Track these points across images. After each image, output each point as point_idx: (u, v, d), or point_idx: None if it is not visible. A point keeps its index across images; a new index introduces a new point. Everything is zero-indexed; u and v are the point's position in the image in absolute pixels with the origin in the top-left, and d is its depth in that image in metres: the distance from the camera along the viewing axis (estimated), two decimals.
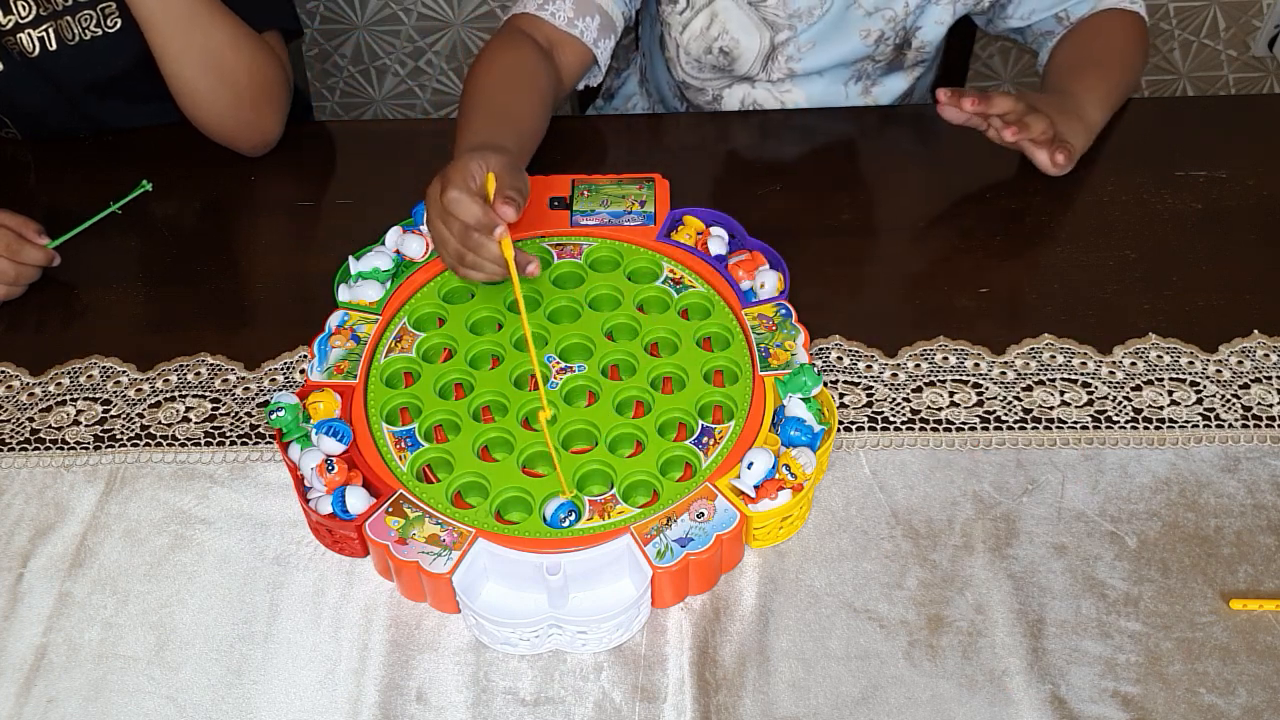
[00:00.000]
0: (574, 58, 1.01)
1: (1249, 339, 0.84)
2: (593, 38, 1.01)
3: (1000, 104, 0.89)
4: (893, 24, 1.06)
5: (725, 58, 1.09)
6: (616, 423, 0.74)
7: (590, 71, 1.04)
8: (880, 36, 1.07)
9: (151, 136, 1.07)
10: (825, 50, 1.08)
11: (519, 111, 0.93)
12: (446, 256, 0.81)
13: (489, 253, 0.76)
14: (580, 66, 1.02)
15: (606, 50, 1.03)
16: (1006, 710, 0.65)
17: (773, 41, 1.07)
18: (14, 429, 0.83)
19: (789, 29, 1.06)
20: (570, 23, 0.99)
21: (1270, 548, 0.72)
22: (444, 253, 0.81)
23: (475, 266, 0.78)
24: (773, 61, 1.09)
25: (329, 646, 0.69)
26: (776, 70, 1.09)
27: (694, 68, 1.12)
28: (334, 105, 1.77)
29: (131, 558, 0.74)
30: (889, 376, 0.82)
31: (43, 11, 0.99)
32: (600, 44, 1.01)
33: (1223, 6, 1.62)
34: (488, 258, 0.76)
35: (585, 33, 1.00)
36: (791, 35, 1.07)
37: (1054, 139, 0.92)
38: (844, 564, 0.72)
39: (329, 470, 0.70)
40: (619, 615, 0.66)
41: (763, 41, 1.07)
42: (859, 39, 1.07)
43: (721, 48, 1.08)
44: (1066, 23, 1.05)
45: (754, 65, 1.09)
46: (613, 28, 1.03)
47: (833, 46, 1.08)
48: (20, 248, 0.90)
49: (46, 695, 0.68)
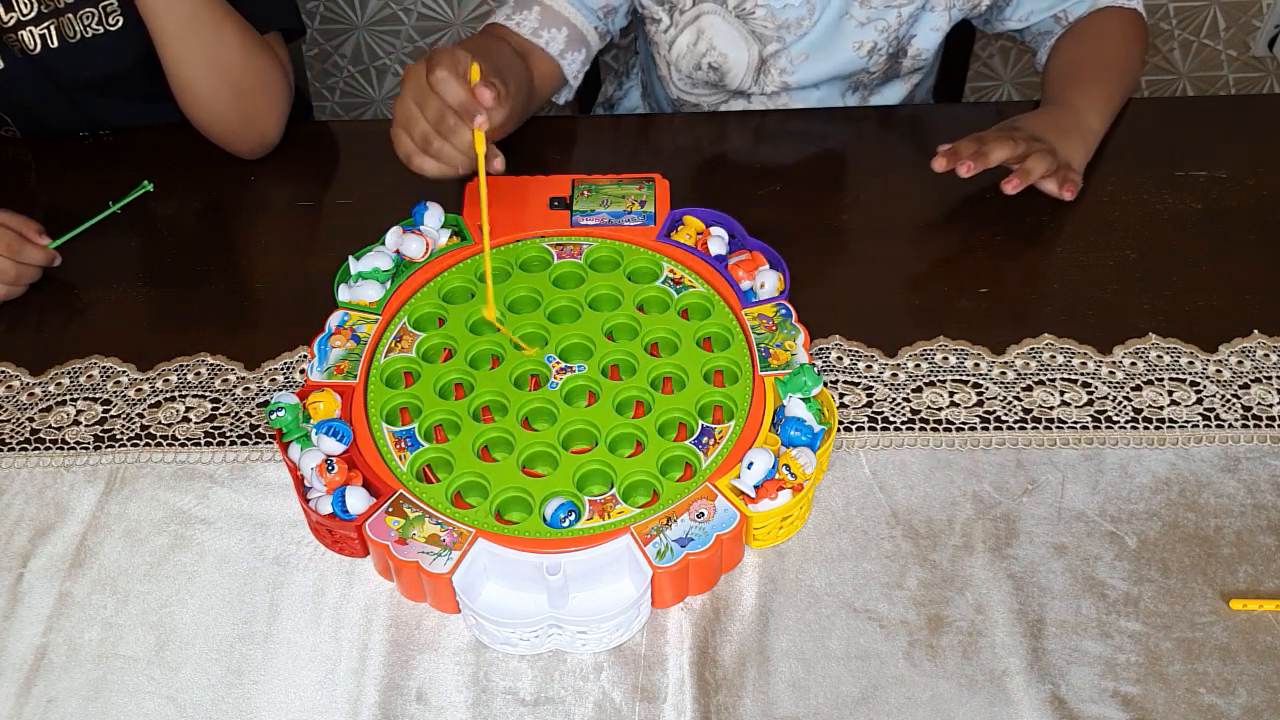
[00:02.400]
0: (543, 68, 1.00)
1: (1249, 339, 0.84)
2: (558, 49, 0.99)
3: (998, 153, 0.88)
4: (886, 35, 1.05)
5: (715, 73, 1.08)
6: (616, 423, 0.74)
7: (563, 88, 1.03)
8: (874, 48, 1.06)
9: (152, 136, 1.07)
10: (818, 63, 1.07)
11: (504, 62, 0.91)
12: (407, 141, 0.79)
13: (460, 139, 0.76)
14: (550, 79, 1.01)
15: (575, 63, 1.01)
16: (1006, 710, 0.65)
17: (762, 54, 1.06)
18: (14, 429, 0.83)
19: (778, 41, 1.05)
20: (535, 33, 0.98)
21: (1270, 548, 0.72)
22: (408, 134, 0.79)
23: (438, 155, 0.77)
24: (765, 75, 1.08)
25: (329, 646, 0.69)
26: (770, 83, 1.09)
27: (686, 84, 1.11)
28: (334, 105, 1.77)
29: (131, 558, 0.74)
30: (889, 376, 0.82)
31: (44, 9, 0.99)
32: (568, 56, 1.00)
33: (1223, 6, 1.62)
34: (458, 145, 0.76)
35: (550, 44, 0.99)
36: (781, 47, 1.06)
37: (1059, 169, 0.91)
38: (844, 564, 0.72)
39: (329, 470, 0.70)
40: (619, 615, 0.66)
41: (751, 54, 1.06)
42: (852, 50, 1.06)
43: (710, 63, 1.07)
44: (1065, 23, 1.04)
45: (745, 78, 1.08)
46: (583, 42, 1.01)
47: (826, 58, 1.07)
48: (21, 248, 0.90)
49: (46, 695, 0.68)
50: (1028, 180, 0.89)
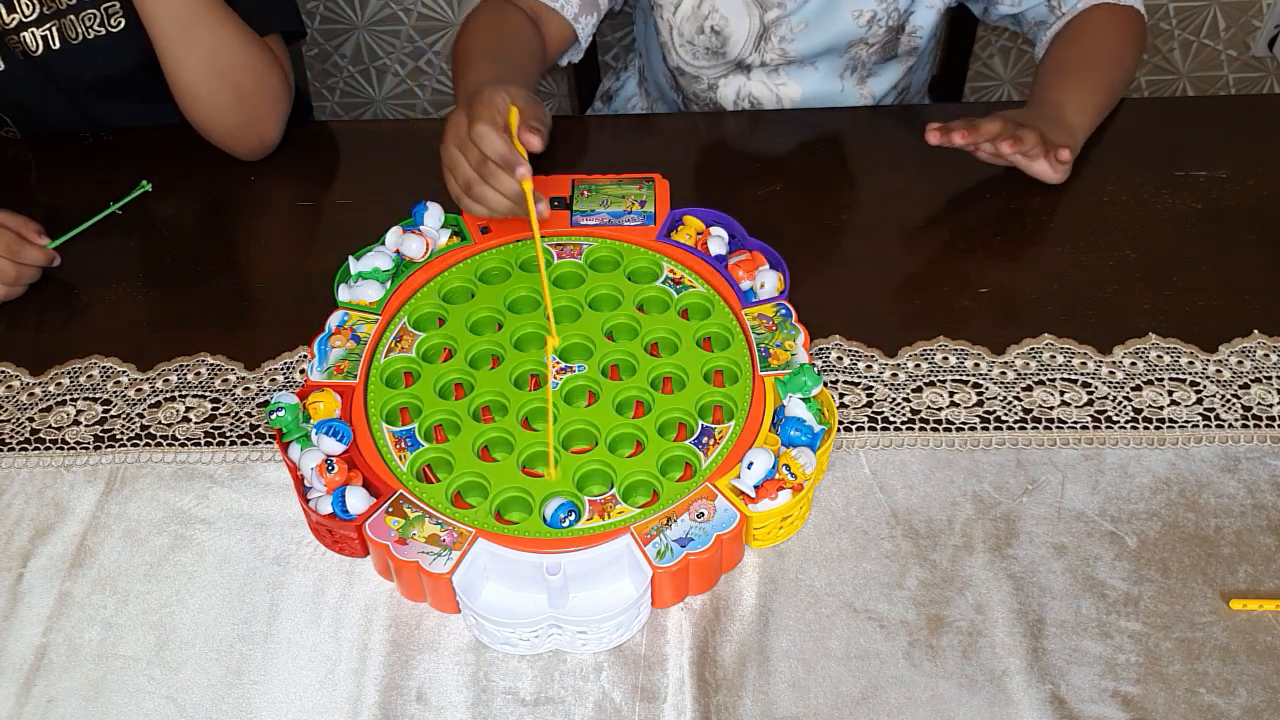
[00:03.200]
0: (555, 31, 1.03)
1: (1249, 339, 0.84)
2: (573, 13, 1.03)
3: (988, 128, 0.90)
4: (885, 4, 1.07)
5: (717, 38, 1.10)
6: (616, 423, 0.74)
7: (571, 48, 1.06)
8: (873, 18, 1.07)
9: (152, 136, 1.07)
10: (818, 31, 1.08)
11: (519, 55, 0.94)
12: (454, 184, 0.83)
13: (503, 184, 0.78)
14: (561, 41, 1.04)
15: (588, 27, 1.05)
16: (1006, 710, 0.65)
17: (763, 21, 1.08)
18: (14, 429, 0.83)
19: (779, 8, 1.07)
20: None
21: (1270, 548, 0.72)
22: (453, 178, 0.83)
23: (481, 199, 0.80)
24: (765, 43, 1.09)
25: (329, 646, 0.69)
26: (770, 52, 1.10)
27: (688, 51, 1.12)
28: (334, 105, 1.77)
29: (131, 558, 0.74)
30: (889, 376, 0.82)
31: (46, 10, 0.99)
32: (581, 19, 1.04)
33: (1223, 6, 1.62)
34: (500, 189, 0.79)
35: (565, 7, 1.02)
36: (782, 14, 1.07)
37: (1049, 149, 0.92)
38: (844, 564, 0.72)
39: (329, 470, 0.70)
40: (619, 615, 0.66)
41: (753, 21, 1.08)
42: (851, 20, 1.07)
43: (713, 26, 1.09)
44: (1059, 10, 1.05)
45: (746, 46, 1.09)
46: (595, 6, 1.05)
47: (825, 27, 1.08)
48: (20, 248, 0.90)
49: (46, 695, 0.68)
50: (1020, 146, 0.89)
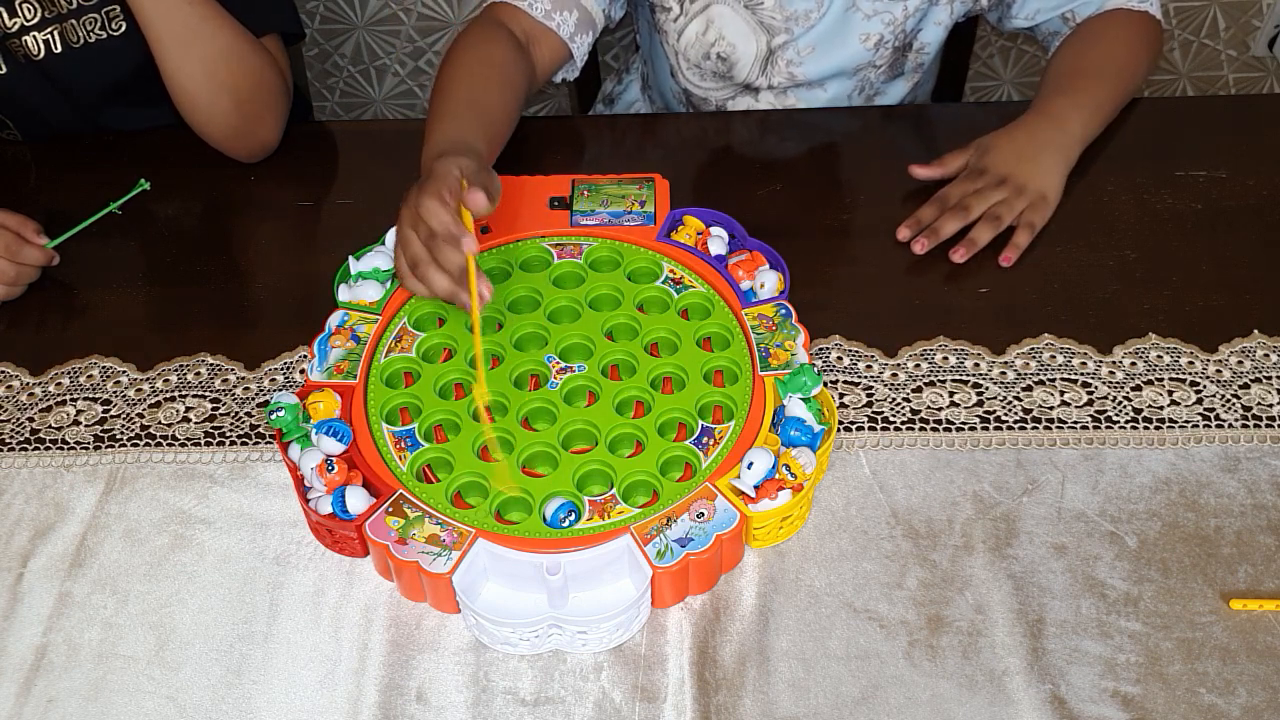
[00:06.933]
0: (550, 52, 1.01)
1: (1249, 339, 0.84)
2: (569, 32, 1.01)
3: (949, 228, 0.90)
4: (892, 27, 1.05)
5: (723, 63, 1.09)
6: (616, 423, 0.74)
7: (566, 67, 1.05)
8: (880, 41, 1.06)
9: (151, 137, 1.07)
10: (826, 56, 1.07)
11: (491, 106, 0.92)
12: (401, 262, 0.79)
13: (448, 259, 0.74)
14: (555, 61, 1.03)
15: (583, 46, 1.03)
16: (1006, 710, 0.65)
17: (770, 45, 1.07)
18: (14, 429, 0.83)
19: (786, 33, 1.06)
20: (548, 15, 0.99)
21: (1270, 548, 0.72)
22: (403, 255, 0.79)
23: (424, 278, 0.76)
24: (772, 66, 1.08)
25: (329, 646, 0.69)
26: (777, 75, 1.09)
27: (695, 75, 1.12)
28: (334, 105, 1.77)
29: (131, 558, 0.74)
30: (889, 376, 0.82)
31: (48, 14, 0.99)
32: (577, 39, 1.02)
33: (1223, 6, 1.62)
34: (445, 264, 0.75)
35: (562, 27, 1.00)
36: (789, 39, 1.06)
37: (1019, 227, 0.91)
38: (844, 564, 0.72)
39: (329, 470, 0.70)
40: (619, 615, 0.66)
41: (759, 45, 1.07)
42: (859, 43, 1.06)
43: (719, 53, 1.08)
44: (1073, 23, 1.03)
45: (752, 70, 1.09)
46: (591, 25, 1.03)
47: (833, 51, 1.07)
48: (20, 248, 0.90)
49: (46, 695, 0.68)
50: (974, 250, 0.90)
